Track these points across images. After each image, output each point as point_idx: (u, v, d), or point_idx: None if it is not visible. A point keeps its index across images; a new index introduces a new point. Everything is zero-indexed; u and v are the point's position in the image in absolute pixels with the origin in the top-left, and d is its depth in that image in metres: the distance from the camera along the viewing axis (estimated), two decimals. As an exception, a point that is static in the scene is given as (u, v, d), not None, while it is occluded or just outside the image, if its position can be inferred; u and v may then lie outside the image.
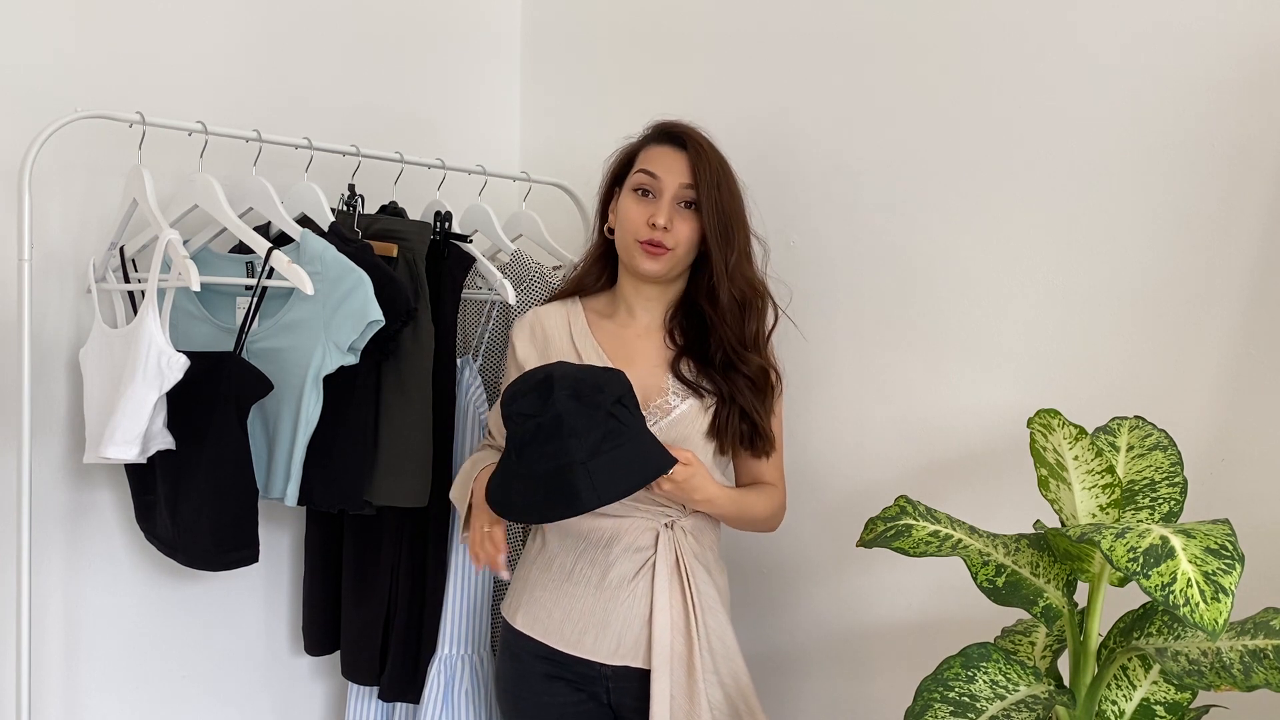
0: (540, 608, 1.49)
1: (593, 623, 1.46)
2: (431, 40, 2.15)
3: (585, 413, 1.28)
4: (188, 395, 1.47)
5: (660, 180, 1.48)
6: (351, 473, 1.62)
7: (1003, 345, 1.63)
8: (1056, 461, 1.24)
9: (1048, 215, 1.58)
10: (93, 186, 1.62)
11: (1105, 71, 1.52)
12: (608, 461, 1.28)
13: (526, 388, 1.32)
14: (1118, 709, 1.23)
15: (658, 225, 1.46)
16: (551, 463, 1.28)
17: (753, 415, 1.50)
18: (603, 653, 1.45)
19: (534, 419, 1.29)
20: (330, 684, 2.03)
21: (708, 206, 1.47)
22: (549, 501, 1.29)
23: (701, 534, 1.51)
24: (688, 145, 1.49)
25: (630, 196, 1.50)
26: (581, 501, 1.27)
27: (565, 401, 1.28)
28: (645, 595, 1.45)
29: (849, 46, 1.79)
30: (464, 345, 1.89)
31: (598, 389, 1.30)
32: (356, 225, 1.70)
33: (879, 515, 1.32)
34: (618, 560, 1.46)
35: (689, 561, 1.47)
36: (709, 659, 1.45)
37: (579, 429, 1.27)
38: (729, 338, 1.50)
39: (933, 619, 1.70)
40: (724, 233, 1.48)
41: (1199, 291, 1.46)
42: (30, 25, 1.55)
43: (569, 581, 1.48)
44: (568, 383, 1.30)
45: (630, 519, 1.47)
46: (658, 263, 1.49)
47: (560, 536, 1.51)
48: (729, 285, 1.49)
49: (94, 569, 1.68)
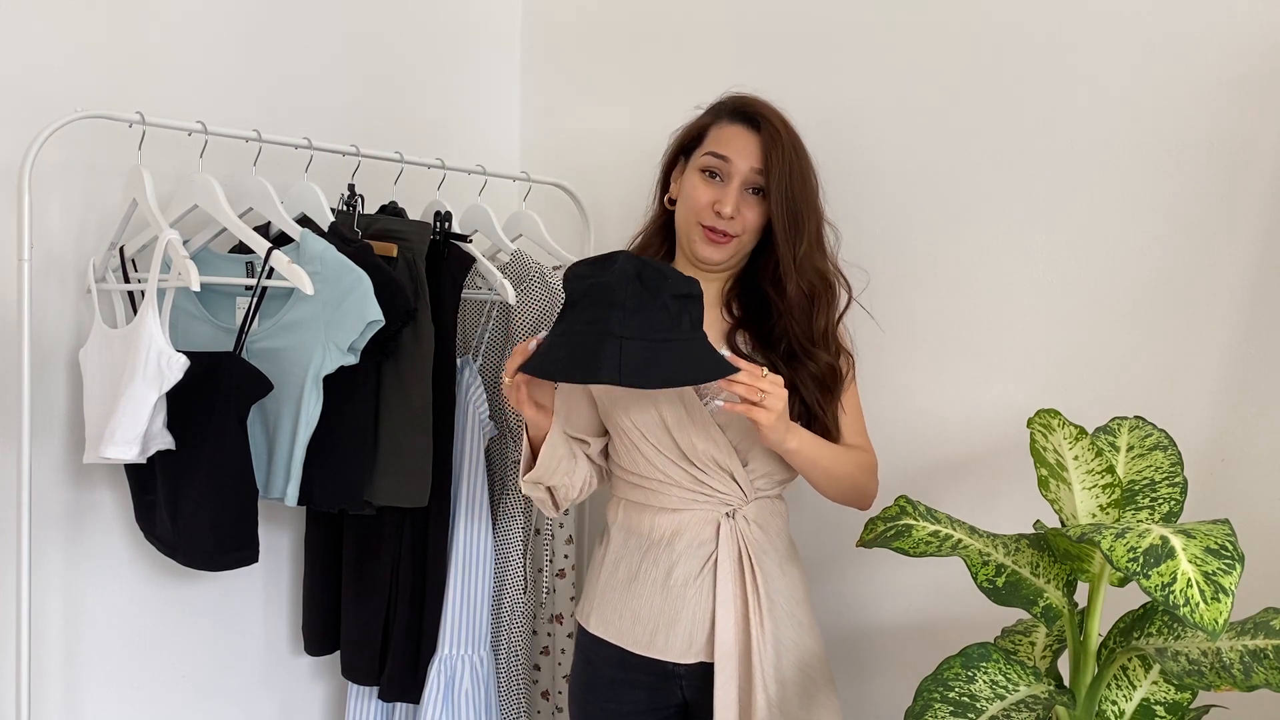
0: (611, 610, 1.48)
1: (662, 623, 1.44)
2: (432, 40, 2.15)
3: (640, 293, 1.21)
4: (188, 395, 1.47)
5: (730, 163, 1.42)
6: (351, 473, 1.62)
7: (1003, 345, 1.63)
8: (1056, 461, 1.24)
9: (1048, 215, 1.58)
10: (93, 186, 1.62)
11: (1106, 71, 1.52)
12: (643, 348, 1.20)
13: (595, 257, 1.26)
14: (1118, 709, 1.23)
15: (723, 213, 1.41)
16: (589, 326, 1.21)
17: (814, 408, 1.44)
18: (674, 652, 1.44)
19: (587, 280, 1.23)
20: (330, 684, 2.03)
21: (776, 195, 1.40)
22: (570, 360, 1.22)
23: (766, 522, 1.47)
24: (761, 127, 1.42)
25: (697, 175, 1.45)
26: (601, 372, 1.18)
27: (623, 273, 1.21)
28: (709, 592, 1.43)
29: (850, 47, 1.79)
30: (464, 345, 1.89)
31: (662, 277, 1.22)
32: (356, 225, 1.70)
33: (879, 515, 1.32)
34: (681, 558, 1.44)
35: (754, 554, 1.44)
36: (771, 653, 1.41)
37: (627, 305, 1.20)
38: (795, 331, 1.44)
39: (933, 619, 1.70)
40: (793, 222, 1.41)
41: (1199, 291, 1.46)
42: (30, 25, 1.55)
43: (635, 582, 1.46)
44: (635, 262, 1.23)
45: (690, 511, 1.44)
46: (720, 250, 1.44)
47: (624, 538, 1.49)
48: (797, 278, 1.42)
49: (94, 569, 1.68)
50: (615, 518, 1.52)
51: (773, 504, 1.50)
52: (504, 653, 1.86)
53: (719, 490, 1.44)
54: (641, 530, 1.47)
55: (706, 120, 1.50)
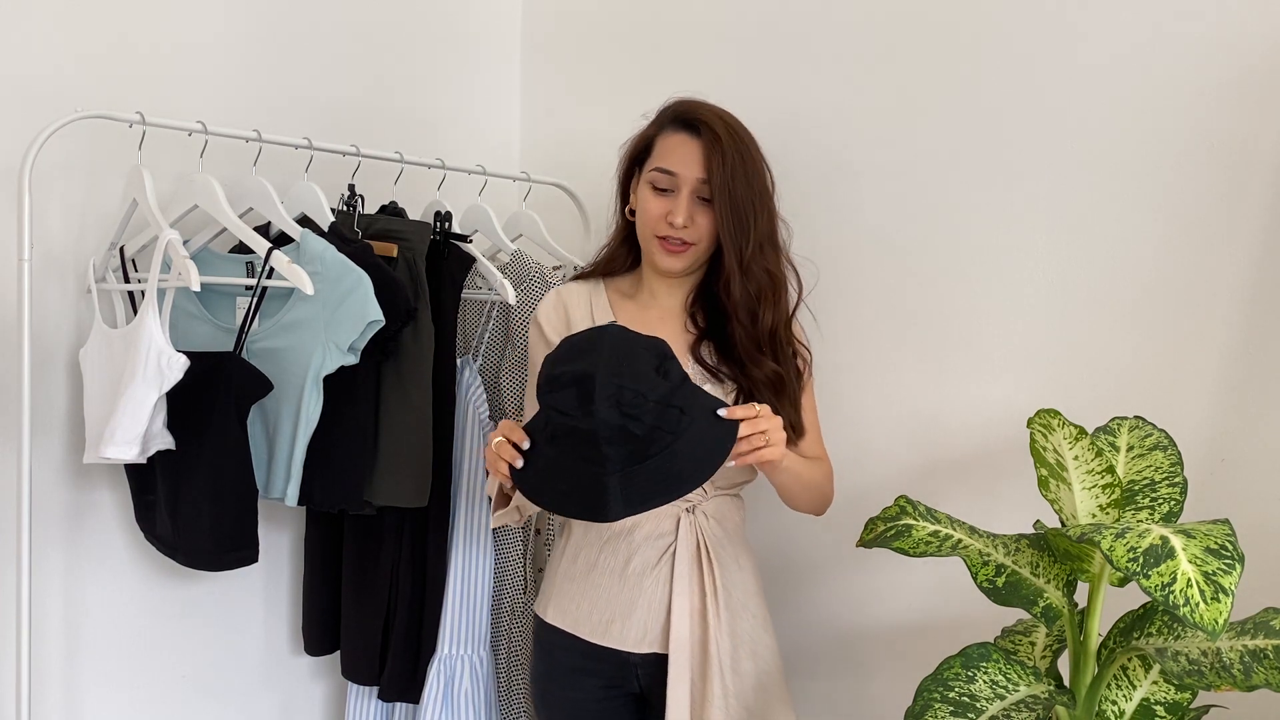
0: (568, 599, 1.50)
1: (618, 612, 1.45)
2: (432, 40, 2.15)
3: (625, 422, 1.19)
4: (188, 395, 1.47)
5: (677, 176, 1.45)
6: (351, 473, 1.62)
7: (1003, 345, 1.63)
8: (1056, 461, 1.24)
9: (1048, 215, 1.58)
10: (93, 186, 1.62)
11: (1106, 71, 1.52)
12: (642, 471, 1.21)
13: (566, 378, 1.22)
14: (1118, 709, 1.23)
15: (675, 224, 1.44)
16: (584, 465, 1.21)
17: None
18: (630, 641, 1.45)
19: (569, 419, 1.21)
20: (330, 684, 2.03)
21: (720, 199, 1.42)
22: (577, 504, 1.23)
23: (724, 518, 1.50)
24: (702, 132, 1.44)
25: (647, 190, 1.48)
26: (609, 513, 1.20)
27: (606, 411, 1.19)
28: (666, 582, 1.44)
29: (851, 47, 1.79)
30: (464, 345, 1.89)
31: (641, 396, 1.20)
32: (356, 225, 1.70)
33: (879, 515, 1.32)
34: (640, 548, 1.45)
35: (712, 547, 1.46)
36: (728, 644, 1.43)
37: (616, 439, 1.19)
38: (742, 336, 1.46)
39: (933, 619, 1.70)
40: (738, 224, 1.42)
41: (1199, 291, 1.46)
42: (30, 25, 1.55)
43: (594, 571, 1.48)
44: (610, 388, 1.19)
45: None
46: (679, 259, 1.47)
47: (584, 530, 1.51)
48: (742, 279, 1.44)
49: (94, 569, 1.68)
50: None
51: (732, 501, 1.53)
52: (504, 653, 1.86)
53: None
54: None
55: (652, 131, 1.52)
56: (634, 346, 1.26)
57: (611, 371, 1.21)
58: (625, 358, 1.23)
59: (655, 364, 1.25)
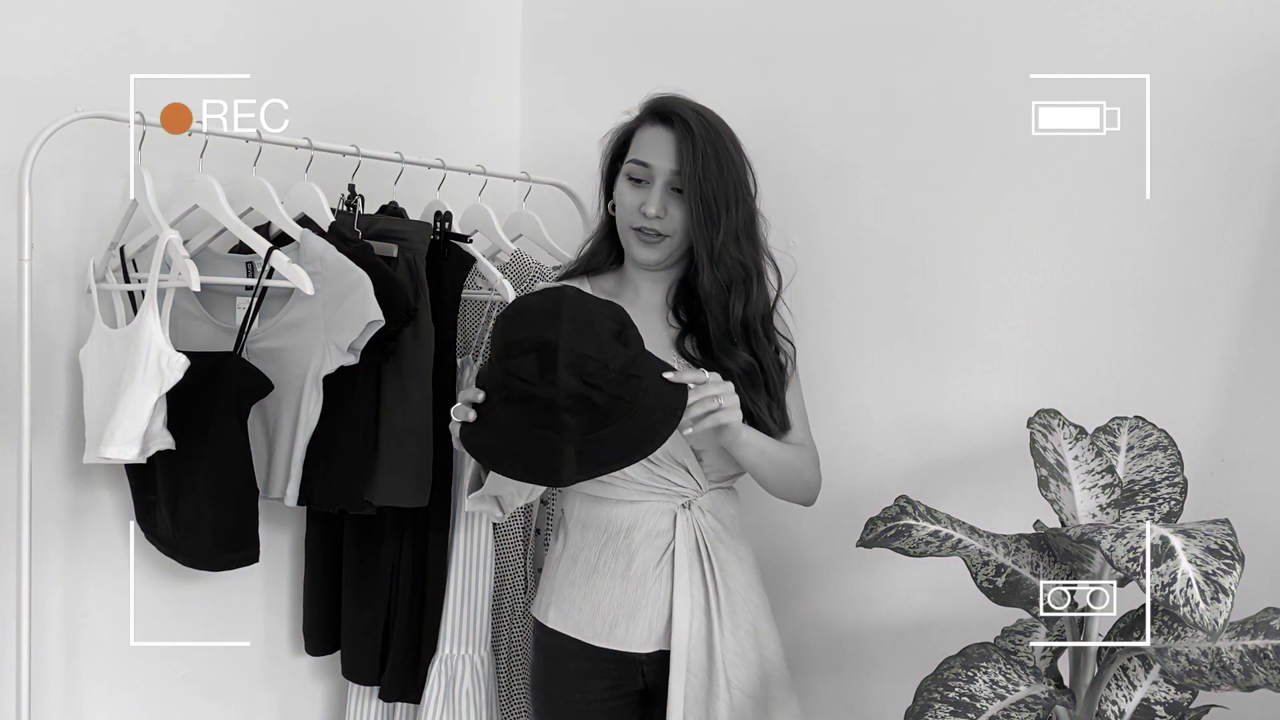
0: (570, 604, 1.49)
1: (622, 614, 1.46)
2: (432, 40, 2.15)
3: (587, 391, 1.19)
4: (188, 395, 1.47)
5: (651, 168, 1.47)
6: (351, 473, 1.62)
7: (1003, 345, 1.63)
8: (1056, 461, 1.24)
9: (1048, 215, 1.58)
10: (93, 186, 1.62)
11: (1106, 71, 1.52)
12: (598, 439, 1.21)
13: (527, 343, 1.21)
14: (1118, 709, 1.23)
15: (649, 214, 1.45)
16: (540, 431, 1.20)
17: (749, 407, 1.44)
18: (635, 642, 1.45)
19: (528, 385, 1.20)
20: (330, 684, 2.03)
21: (690, 188, 1.43)
22: (529, 467, 1.22)
23: (720, 511, 1.50)
24: (675, 125, 1.46)
25: (625, 182, 1.50)
26: (562, 478, 1.21)
27: (568, 380, 1.18)
28: (668, 581, 1.45)
29: (849, 46, 1.79)
30: (464, 345, 1.89)
31: (603, 366, 1.20)
32: (356, 225, 1.70)
33: (879, 515, 1.32)
34: (640, 548, 1.46)
35: (710, 542, 1.46)
36: (731, 638, 1.44)
37: (576, 408, 1.19)
38: (714, 327, 1.47)
39: (933, 619, 1.70)
40: (708, 214, 1.43)
41: (1199, 291, 1.46)
42: (30, 25, 1.55)
43: (595, 575, 1.48)
44: (572, 356, 1.19)
45: (646, 503, 1.46)
46: (654, 250, 1.48)
47: (581, 531, 1.51)
48: (712, 270, 1.44)
49: (94, 569, 1.67)
50: (572, 512, 1.54)
51: (726, 494, 1.53)
52: (504, 653, 1.85)
53: (675, 483, 1.47)
54: (599, 523, 1.48)
55: (631, 125, 1.54)
56: (594, 314, 1.25)
57: (574, 339, 1.20)
58: (586, 325, 1.23)
59: (615, 331, 1.25)
